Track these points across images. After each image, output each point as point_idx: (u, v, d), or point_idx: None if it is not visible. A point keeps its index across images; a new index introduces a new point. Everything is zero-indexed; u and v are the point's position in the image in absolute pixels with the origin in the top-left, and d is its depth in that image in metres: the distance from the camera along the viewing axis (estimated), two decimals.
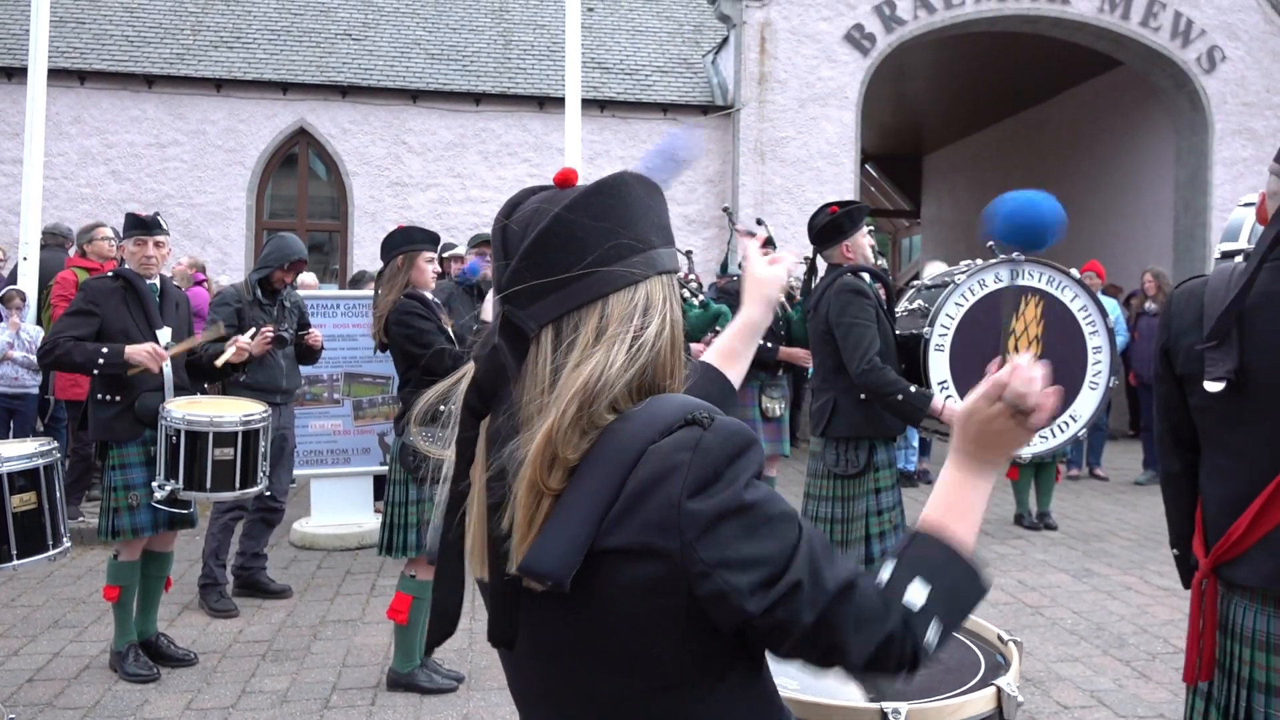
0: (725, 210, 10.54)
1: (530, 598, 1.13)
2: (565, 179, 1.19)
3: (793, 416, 8.34)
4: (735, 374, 1.63)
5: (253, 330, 4.86)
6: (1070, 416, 4.20)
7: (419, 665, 4.27)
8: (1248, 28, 12.92)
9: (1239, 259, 2.58)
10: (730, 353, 1.65)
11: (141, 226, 4.48)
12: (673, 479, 1.06)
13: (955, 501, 1.25)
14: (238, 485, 4.50)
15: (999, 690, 1.57)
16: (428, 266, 4.21)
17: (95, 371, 4.25)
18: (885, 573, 1.16)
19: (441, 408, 1.24)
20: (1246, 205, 3.14)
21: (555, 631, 1.15)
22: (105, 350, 4.19)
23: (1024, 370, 1.25)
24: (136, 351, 4.21)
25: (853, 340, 3.82)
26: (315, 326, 6.37)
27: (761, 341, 6.49)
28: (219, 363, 4.65)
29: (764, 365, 6.67)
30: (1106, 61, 13.75)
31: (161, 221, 4.58)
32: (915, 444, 9.32)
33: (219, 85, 11.71)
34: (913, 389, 3.83)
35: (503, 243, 1.18)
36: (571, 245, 1.13)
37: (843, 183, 12.12)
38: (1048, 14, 12.52)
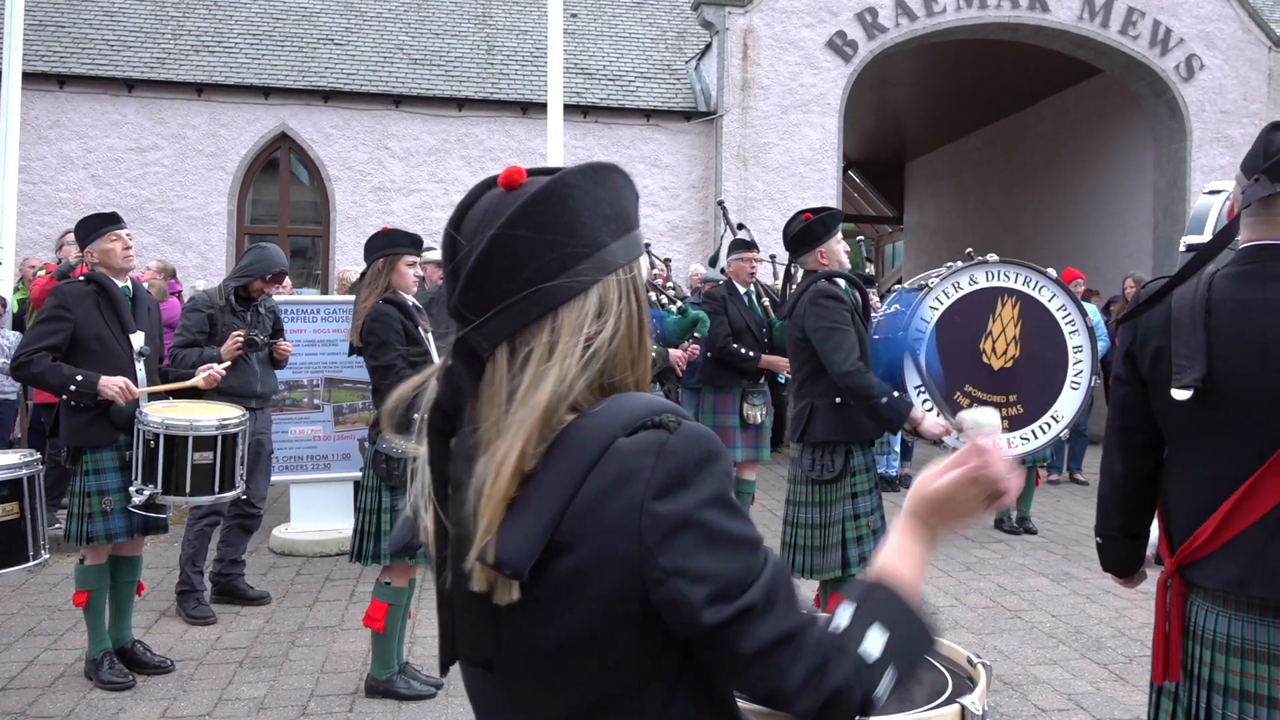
0: (720, 204, 10.53)
1: (496, 610, 1.12)
2: (510, 180, 1.16)
3: (776, 423, 8.34)
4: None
5: (224, 365, 4.92)
6: (1052, 417, 4.23)
7: (397, 672, 4.25)
8: (1225, 36, 13.04)
9: None
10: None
11: (112, 221, 4.45)
12: (635, 483, 1.05)
13: (907, 558, 1.24)
14: (216, 489, 4.50)
15: (963, 708, 1.57)
16: (409, 270, 4.20)
17: (65, 396, 4.23)
18: (844, 618, 1.14)
19: (415, 416, 1.23)
20: (1212, 193, 3.15)
21: (519, 640, 1.13)
22: (79, 378, 4.16)
23: (1001, 453, 1.26)
24: (109, 385, 4.18)
25: (833, 343, 3.83)
26: (295, 331, 6.37)
27: (744, 350, 6.58)
28: (187, 384, 4.69)
29: (745, 373, 6.68)
30: (1086, 69, 13.85)
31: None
32: (897, 448, 9.35)
33: (200, 89, 11.66)
34: (895, 394, 3.84)
35: (451, 255, 1.16)
36: (513, 264, 1.11)
37: (825, 189, 12.16)
38: (1028, 22, 12.60)
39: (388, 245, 4.20)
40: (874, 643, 1.11)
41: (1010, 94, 16.07)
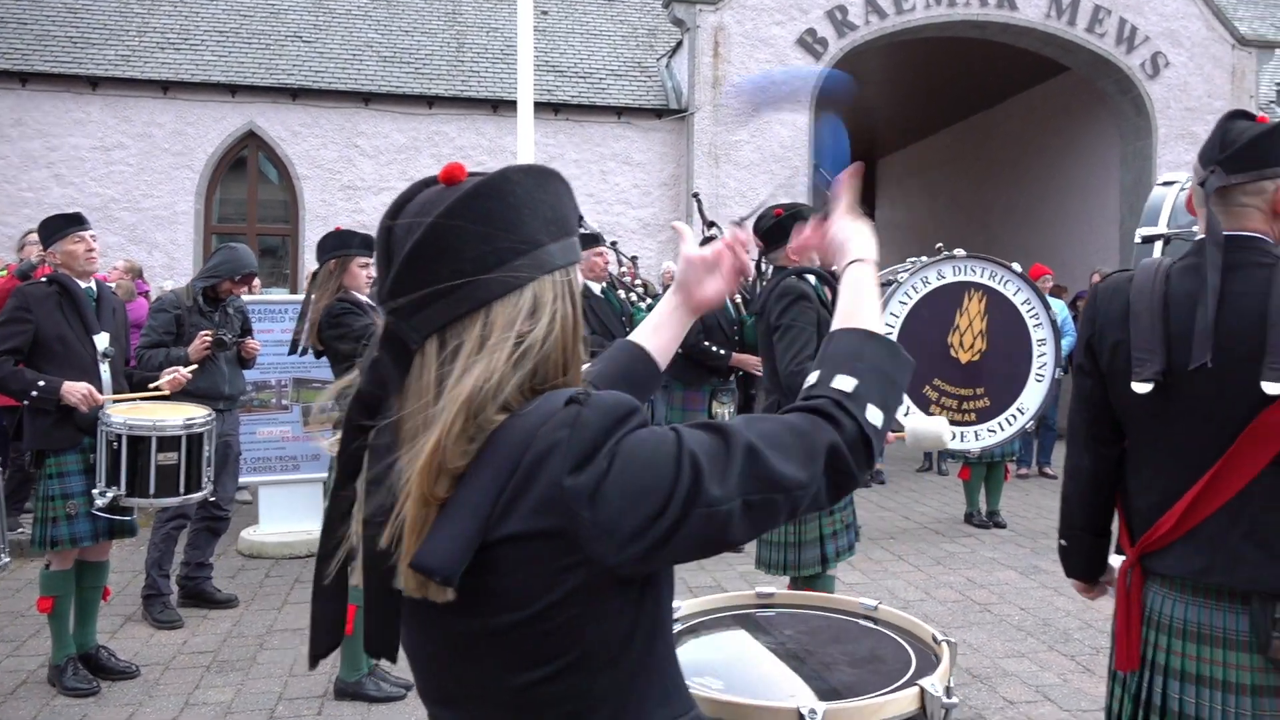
0: (695, 196, 10.51)
1: (418, 605, 1.12)
2: (450, 175, 1.15)
3: None
4: (659, 345, 1.54)
5: (191, 368, 4.86)
6: (1018, 409, 4.26)
7: (366, 673, 4.22)
8: (1190, 34, 13.19)
9: (1159, 244, 2.61)
10: (656, 326, 1.56)
11: (76, 222, 4.40)
12: (553, 458, 1.06)
13: (851, 296, 1.33)
14: (182, 490, 4.45)
15: (922, 690, 1.57)
16: (361, 271, 4.19)
17: (26, 402, 4.17)
18: (810, 378, 1.21)
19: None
20: (1165, 184, 3.17)
21: (461, 631, 1.14)
22: (41, 384, 4.10)
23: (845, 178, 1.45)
24: (71, 392, 4.13)
25: (785, 342, 3.84)
26: (263, 331, 6.31)
27: (714, 348, 6.59)
28: (150, 387, 4.64)
29: (717, 370, 6.69)
30: (1053, 67, 13.97)
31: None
32: None
33: (165, 87, 11.53)
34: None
35: (386, 247, 1.15)
36: (450, 254, 1.10)
37: (795, 185, 12.19)
38: (996, 19, 12.69)
39: (339, 246, 4.20)
40: (843, 383, 1.18)
41: (979, 92, 16.19)
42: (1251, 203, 2.01)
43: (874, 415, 1.17)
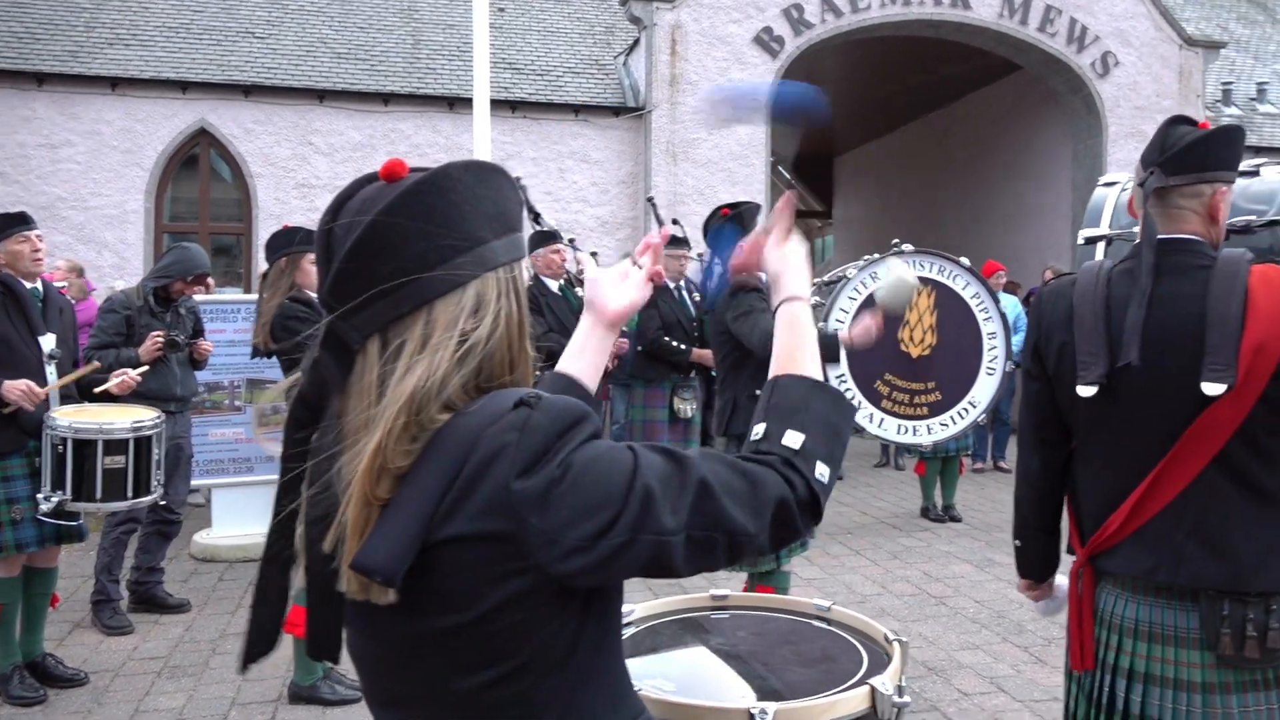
0: (649, 200, 10.52)
1: (361, 605, 1.11)
2: (391, 172, 1.14)
3: (705, 417, 8.41)
4: (585, 369, 1.49)
5: (140, 369, 4.77)
6: (970, 402, 4.31)
7: (321, 677, 4.18)
8: (1139, 34, 13.41)
9: (1101, 245, 2.66)
10: (578, 351, 1.50)
11: (21, 221, 4.31)
12: (501, 460, 1.05)
13: (790, 338, 1.32)
14: (130, 494, 4.37)
15: (873, 689, 1.58)
16: (312, 269, 4.12)
17: None
18: (756, 431, 1.19)
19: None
20: (1107, 185, 3.21)
21: (405, 633, 1.12)
22: None
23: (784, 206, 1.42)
24: (11, 389, 4.03)
25: (749, 325, 3.86)
26: (215, 332, 6.23)
27: (675, 343, 6.60)
28: (98, 390, 4.54)
29: (677, 367, 6.71)
30: (1007, 67, 14.14)
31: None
32: None
33: (114, 84, 11.31)
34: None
35: (326, 246, 1.13)
36: (389, 252, 1.08)
37: (754, 184, 12.24)
38: (950, 19, 12.82)
39: (289, 244, 4.14)
40: (792, 440, 1.16)
41: (934, 90, 16.36)
42: (1189, 206, 2.04)
43: (821, 471, 1.16)
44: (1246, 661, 1.93)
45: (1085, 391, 2.03)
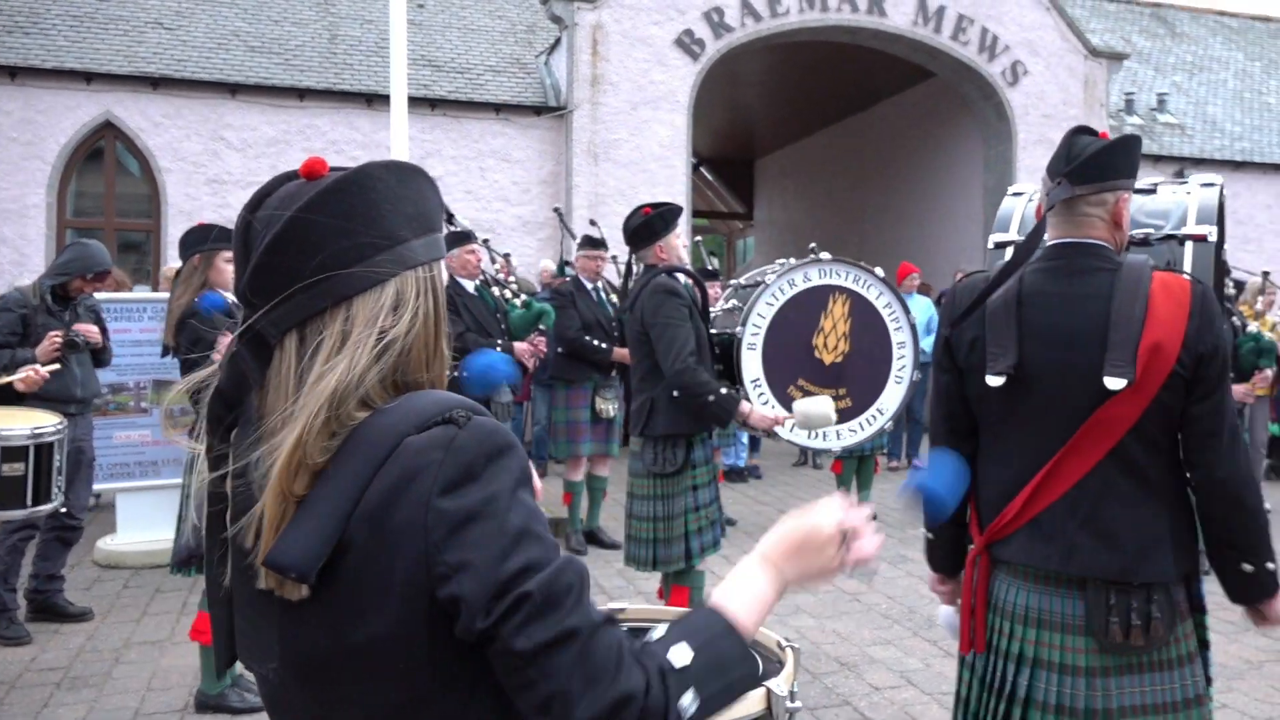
0: (556, 210, 10.55)
1: (284, 610, 1.09)
2: (311, 170, 1.14)
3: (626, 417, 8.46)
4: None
5: (51, 366, 4.61)
6: (878, 409, 4.40)
7: (229, 685, 4.08)
8: (1046, 44, 13.84)
9: (1009, 249, 2.77)
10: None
11: None
12: (423, 478, 1.04)
13: (748, 596, 1.20)
14: (29, 502, 4.21)
15: (768, 691, 1.60)
16: (227, 266, 4.04)
17: None
18: (656, 632, 1.13)
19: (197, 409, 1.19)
20: (1015, 195, 3.37)
21: (309, 646, 1.10)
22: None
23: (864, 516, 1.31)
24: None
25: (666, 340, 3.88)
26: (119, 331, 6.05)
27: (595, 342, 6.60)
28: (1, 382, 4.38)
29: (598, 366, 6.71)
30: (922, 73, 14.47)
31: None
32: (745, 440, 9.55)
33: (13, 73, 10.88)
34: (723, 391, 3.92)
35: (244, 241, 1.13)
36: (309, 247, 1.08)
37: (675, 185, 12.30)
38: (867, 25, 13.06)
39: (203, 241, 4.05)
40: (679, 655, 1.08)
41: (852, 95, 16.65)
42: (1094, 212, 2.15)
43: (686, 701, 1.06)
44: (1129, 648, 2.02)
45: (994, 381, 2.13)
